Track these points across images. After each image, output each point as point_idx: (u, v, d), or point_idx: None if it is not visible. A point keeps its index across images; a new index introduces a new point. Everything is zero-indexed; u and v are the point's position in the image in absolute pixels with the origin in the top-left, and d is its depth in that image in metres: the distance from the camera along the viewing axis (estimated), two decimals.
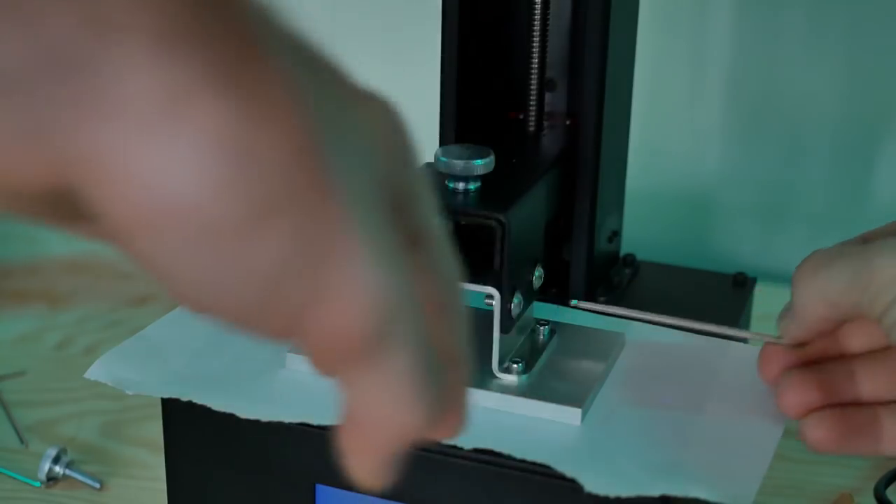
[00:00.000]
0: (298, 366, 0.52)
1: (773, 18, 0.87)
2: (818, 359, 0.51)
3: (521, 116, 0.61)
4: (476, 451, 0.47)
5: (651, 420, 0.50)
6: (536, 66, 0.59)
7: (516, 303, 0.50)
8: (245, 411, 0.49)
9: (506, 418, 0.49)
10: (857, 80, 0.87)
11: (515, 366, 0.50)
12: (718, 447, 0.48)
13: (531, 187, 0.52)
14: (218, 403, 0.49)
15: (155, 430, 0.61)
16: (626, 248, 0.66)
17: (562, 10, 0.61)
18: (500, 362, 0.50)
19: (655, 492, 0.44)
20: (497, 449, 0.46)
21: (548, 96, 0.61)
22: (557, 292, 0.60)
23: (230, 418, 0.49)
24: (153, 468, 0.64)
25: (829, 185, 0.90)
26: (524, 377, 0.50)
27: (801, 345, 0.51)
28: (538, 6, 0.58)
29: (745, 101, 0.90)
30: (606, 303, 0.60)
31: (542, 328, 0.54)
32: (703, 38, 0.89)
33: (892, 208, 0.90)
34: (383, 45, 0.94)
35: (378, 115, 0.29)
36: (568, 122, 0.62)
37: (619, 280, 0.63)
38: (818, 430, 0.49)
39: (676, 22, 0.89)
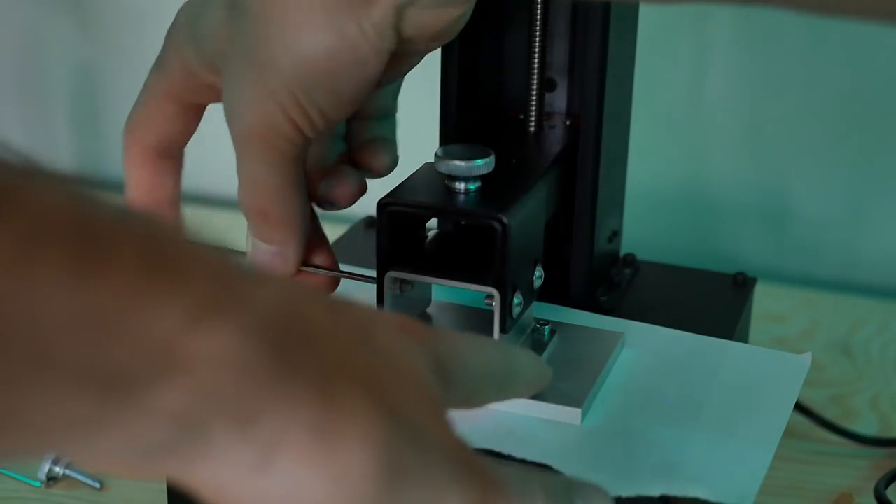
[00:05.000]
0: None
1: (774, 18, 0.87)
2: None
3: (521, 116, 0.61)
4: (476, 451, 0.47)
5: (651, 420, 0.50)
6: (536, 66, 0.59)
7: (516, 303, 0.50)
8: None
9: (506, 418, 0.49)
10: (857, 81, 0.87)
11: None
12: (718, 447, 0.48)
13: (531, 187, 0.52)
14: None
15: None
16: (626, 248, 0.66)
17: (562, 10, 0.61)
18: None
19: (655, 492, 0.44)
20: (497, 449, 0.46)
21: (548, 96, 0.61)
22: (557, 292, 0.60)
23: None
24: None
25: (828, 184, 0.90)
26: None
27: None
28: (538, 6, 0.58)
29: (745, 100, 0.90)
30: (606, 303, 0.60)
31: (542, 328, 0.54)
32: (704, 37, 0.89)
33: (892, 207, 0.90)
34: None
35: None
36: (568, 122, 0.62)
37: (619, 280, 0.63)
38: None
39: (677, 21, 0.89)
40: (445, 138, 0.59)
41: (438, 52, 0.58)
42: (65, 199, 0.27)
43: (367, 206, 0.54)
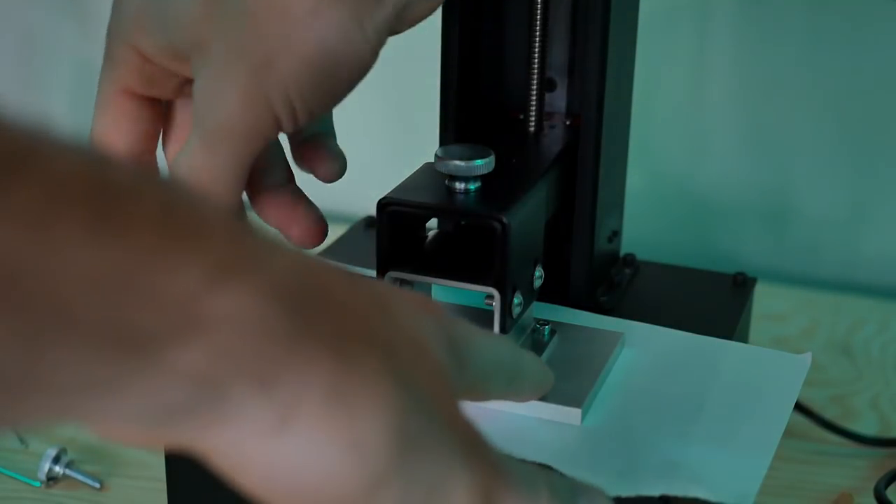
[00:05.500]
0: None
1: (774, 18, 0.87)
2: None
3: (521, 116, 0.61)
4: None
5: (651, 420, 0.50)
6: (536, 66, 0.59)
7: (516, 303, 0.50)
8: None
9: (506, 418, 0.49)
10: (857, 81, 0.87)
11: None
12: (718, 447, 0.48)
13: (531, 187, 0.52)
14: None
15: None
16: (626, 248, 0.66)
17: (562, 9, 0.61)
18: None
19: (655, 492, 0.44)
20: None
21: (548, 96, 0.61)
22: (557, 292, 0.60)
23: None
24: (153, 468, 0.64)
25: (828, 184, 0.90)
26: None
27: None
28: (538, 6, 0.58)
29: (745, 100, 0.90)
30: (606, 303, 0.60)
31: (542, 328, 0.54)
32: (704, 36, 0.89)
33: (892, 207, 0.90)
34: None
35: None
36: (568, 122, 0.62)
37: (619, 280, 0.63)
38: None
39: (677, 21, 0.89)
40: (445, 138, 0.59)
41: (438, 52, 0.58)
42: (81, 161, 0.27)
43: (367, 206, 0.54)
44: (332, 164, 0.53)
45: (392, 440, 0.31)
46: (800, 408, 0.67)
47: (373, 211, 0.51)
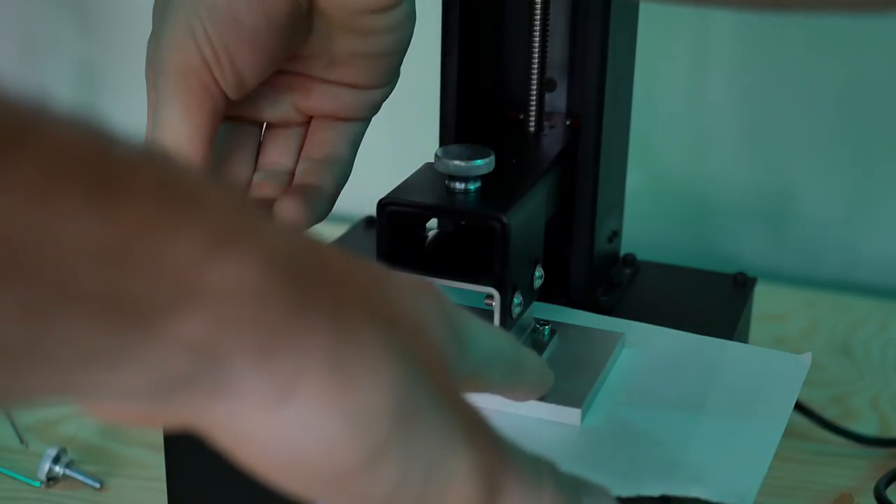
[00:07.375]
0: None
1: (774, 18, 0.87)
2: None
3: (521, 116, 0.61)
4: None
5: (651, 420, 0.50)
6: (536, 66, 0.59)
7: (516, 303, 0.50)
8: None
9: (506, 418, 0.49)
10: (857, 80, 0.87)
11: None
12: (718, 447, 0.48)
13: (531, 187, 0.52)
14: None
15: (155, 429, 0.61)
16: (626, 248, 0.66)
17: (562, 9, 0.61)
18: None
19: (655, 492, 0.44)
20: None
21: (548, 96, 0.61)
22: (557, 292, 0.60)
23: None
24: (153, 468, 0.64)
25: (828, 184, 0.90)
26: None
27: None
28: (538, 6, 0.58)
29: (744, 100, 0.90)
30: (606, 303, 0.60)
31: (542, 328, 0.54)
32: (704, 36, 0.89)
33: (892, 207, 0.90)
34: None
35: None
36: (568, 122, 0.62)
37: (619, 280, 0.63)
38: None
39: (677, 21, 0.89)
40: (445, 138, 0.59)
41: (438, 52, 0.58)
42: (80, 134, 0.27)
43: (367, 206, 0.54)
44: (307, 205, 0.51)
45: (392, 411, 0.31)
46: (800, 408, 0.67)
47: (373, 211, 0.51)
